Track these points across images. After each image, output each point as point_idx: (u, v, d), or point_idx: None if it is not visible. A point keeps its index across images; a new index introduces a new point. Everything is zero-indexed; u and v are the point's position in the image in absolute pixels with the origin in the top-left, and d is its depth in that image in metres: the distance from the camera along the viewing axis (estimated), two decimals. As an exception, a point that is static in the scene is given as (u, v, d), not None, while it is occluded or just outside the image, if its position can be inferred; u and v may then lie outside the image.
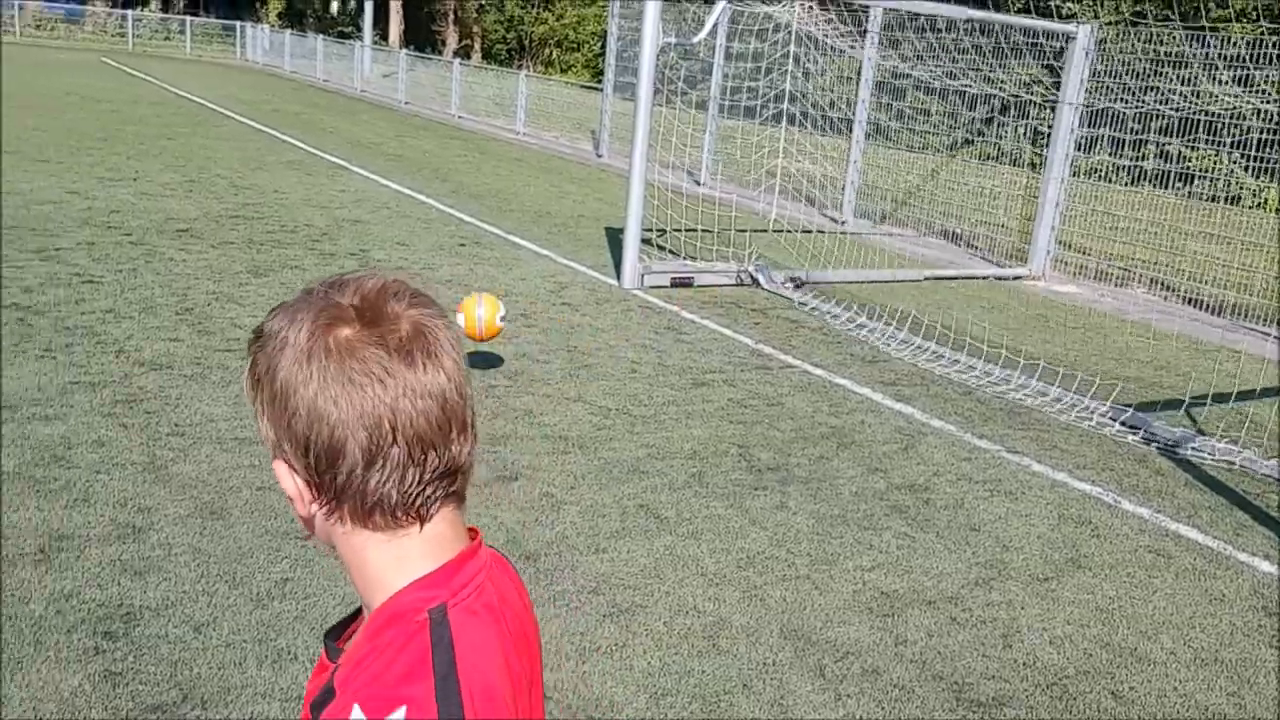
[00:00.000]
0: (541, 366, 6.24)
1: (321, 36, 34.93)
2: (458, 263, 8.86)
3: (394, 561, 0.97)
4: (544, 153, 19.90)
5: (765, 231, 11.45)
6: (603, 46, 52.06)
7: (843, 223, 13.61)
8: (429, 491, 0.96)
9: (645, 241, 9.30)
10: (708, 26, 8.87)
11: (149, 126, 15.68)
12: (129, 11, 40.11)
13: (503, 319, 5.78)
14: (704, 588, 3.84)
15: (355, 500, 0.94)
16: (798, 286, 9.40)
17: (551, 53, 55.91)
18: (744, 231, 10.86)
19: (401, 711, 0.89)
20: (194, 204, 9.90)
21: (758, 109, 12.58)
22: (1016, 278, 11.54)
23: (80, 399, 4.84)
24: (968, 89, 12.65)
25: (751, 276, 9.42)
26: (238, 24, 41.17)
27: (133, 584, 3.34)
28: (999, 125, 14.06)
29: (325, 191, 11.69)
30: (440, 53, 51.24)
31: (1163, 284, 11.32)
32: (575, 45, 54.85)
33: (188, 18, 41.53)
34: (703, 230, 10.48)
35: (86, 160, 11.68)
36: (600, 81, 42.96)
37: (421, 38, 53.46)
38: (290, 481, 0.96)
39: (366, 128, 20.12)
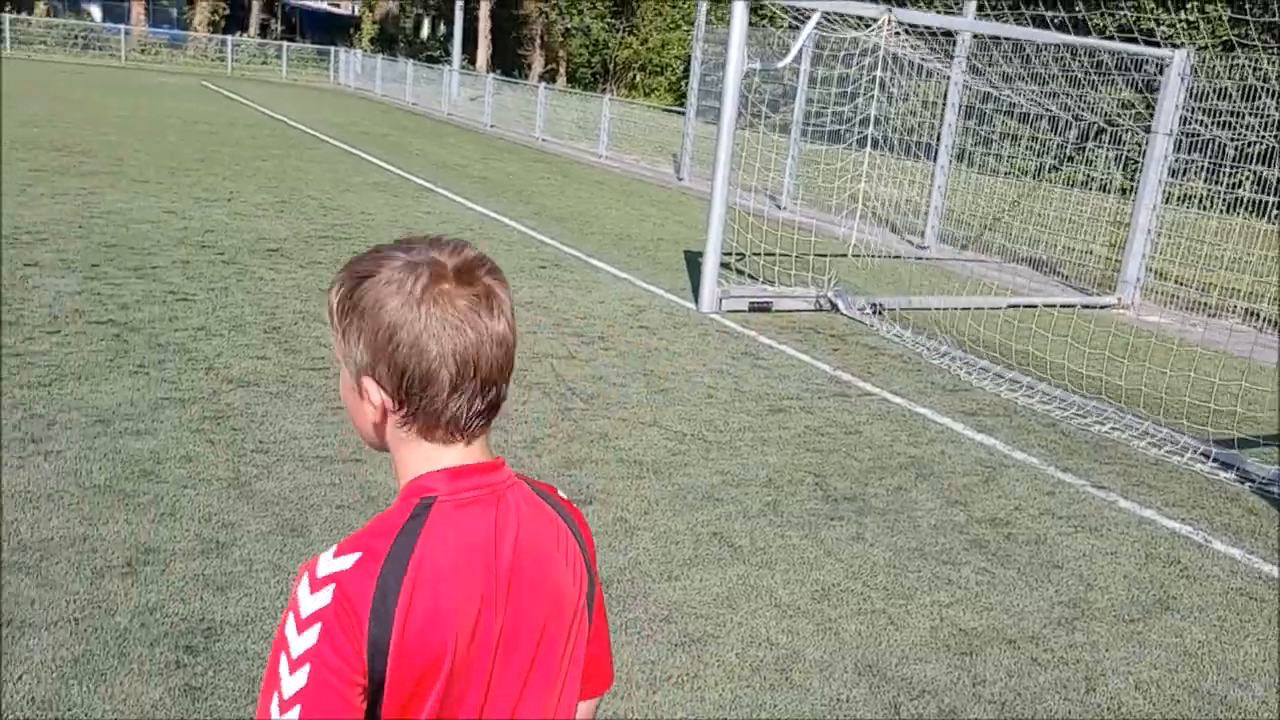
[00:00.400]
0: (618, 390, 6.26)
1: (411, 61, 35.71)
2: (538, 285, 8.95)
3: (426, 463, 1.20)
4: (625, 176, 20.03)
5: (845, 256, 11.35)
6: (686, 70, 52.36)
7: (924, 248, 13.43)
8: (483, 418, 1.22)
9: (724, 265, 9.29)
10: (793, 52, 8.85)
11: (244, 148, 16.17)
12: (229, 37, 41.50)
13: None
14: (777, 619, 3.79)
15: (429, 417, 1.18)
16: (877, 312, 9.29)
17: (635, 76, 56.36)
18: (824, 256, 10.78)
19: (355, 557, 1.11)
20: (284, 224, 10.16)
21: (841, 133, 12.51)
22: (1104, 307, 11.25)
23: (170, 414, 4.99)
24: (1056, 113, 12.42)
25: (831, 302, 9.34)
26: (332, 49, 42.32)
27: (215, 599, 3.41)
28: (1088, 150, 13.76)
29: (411, 213, 11.91)
30: (526, 77, 52.04)
31: (1257, 315, 10.94)
32: (659, 69, 55.22)
33: (284, 43, 42.82)
34: (781, 254, 10.43)
35: (184, 181, 12.08)
36: (683, 105, 43.09)
37: (508, 62, 54.36)
38: (377, 395, 1.17)
39: (452, 150, 20.48)
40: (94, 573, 3.47)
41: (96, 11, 50.21)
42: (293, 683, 1.09)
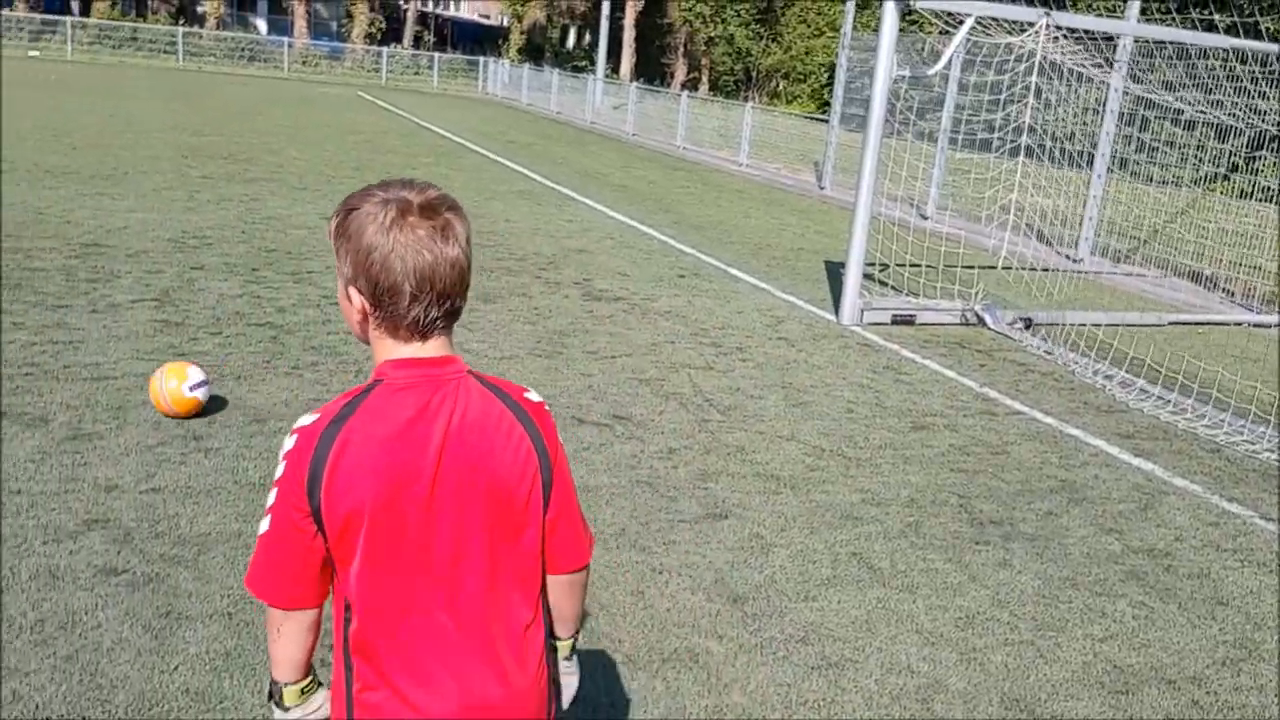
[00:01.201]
0: (755, 402, 6.18)
1: (557, 70, 36.32)
2: (676, 294, 8.94)
3: (387, 354, 1.54)
4: (766, 184, 19.89)
5: (994, 268, 10.99)
6: (830, 77, 51.72)
7: (1078, 261, 12.89)
8: (439, 322, 1.53)
9: (867, 276, 9.11)
10: (944, 59, 8.62)
11: (397, 157, 16.71)
12: (384, 48, 43.03)
13: (195, 390, 4.85)
14: (919, 646, 3.67)
15: (394, 319, 1.51)
16: (1027, 327, 8.95)
17: (778, 84, 56.02)
18: (971, 268, 10.47)
19: (315, 417, 1.51)
20: (432, 231, 10.43)
21: (992, 141, 12.12)
22: (1273, 325, 10.58)
23: (321, 415, 5.15)
24: (1223, 120, 11.75)
25: (978, 316, 9.04)
26: (480, 59, 43.42)
27: (358, 598, 3.50)
28: (1258, 159, 12.97)
29: (553, 221, 12.08)
30: (668, 85, 52.32)
31: None
32: (802, 76, 54.75)
33: (435, 54, 44.15)
34: (927, 266, 10.16)
35: (340, 189, 12.55)
36: (825, 112, 42.60)
37: (652, 70, 54.76)
38: (358, 300, 1.51)
39: (595, 158, 20.72)
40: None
41: (262, 24, 52.80)
42: (268, 498, 1.52)
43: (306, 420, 1.51)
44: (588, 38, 60.96)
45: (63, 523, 3.78)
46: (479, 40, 57.10)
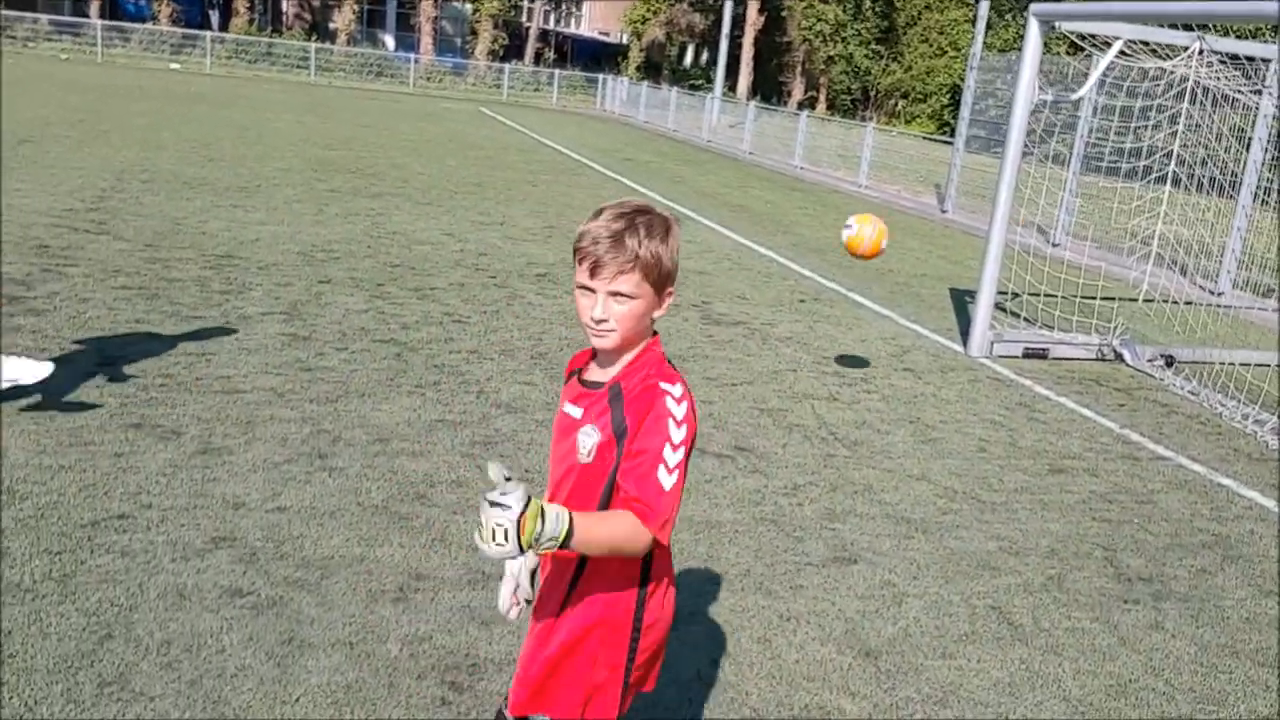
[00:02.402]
0: (883, 438, 5.95)
1: (675, 88, 36.39)
2: (796, 319, 8.74)
3: (650, 330, 1.99)
4: (886, 206, 19.50)
5: (1132, 300, 10.49)
6: (951, 98, 50.74)
7: (1219, 295, 12.24)
8: None
9: (997, 307, 8.76)
10: (1090, 81, 8.25)
11: (516, 173, 16.88)
12: (506, 65, 43.77)
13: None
14: (1067, 713, 3.42)
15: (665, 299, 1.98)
16: (1169, 365, 8.49)
17: (897, 104, 55.18)
18: (1107, 300, 10.01)
19: (681, 385, 1.94)
20: (552, 250, 10.45)
21: (1132, 167, 11.60)
22: None
23: (443, 437, 5.13)
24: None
25: (1115, 351, 8.61)
26: (599, 76, 43.81)
27: (479, 634, 3.42)
28: None
29: (671, 240, 11.97)
30: (785, 103, 51.97)
31: None
32: (922, 96, 53.84)
33: (555, 70, 44.72)
34: (1063, 297, 9.73)
35: (462, 204, 12.70)
36: (945, 133, 41.68)
37: (769, 89, 54.52)
38: (661, 298, 1.96)
39: (711, 177, 20.61)
40: (369, 596, 3.56)
41: (390, 40, 54.28)
42: (674, 457, 1.88)
43: (680, 388, 1.92)
44: (705, 56, 61.03)
45: (191, 540, 3.80)
46: (598, 57, 57.67)
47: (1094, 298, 10.14)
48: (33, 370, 4.75)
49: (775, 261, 11.54)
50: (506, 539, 1.68)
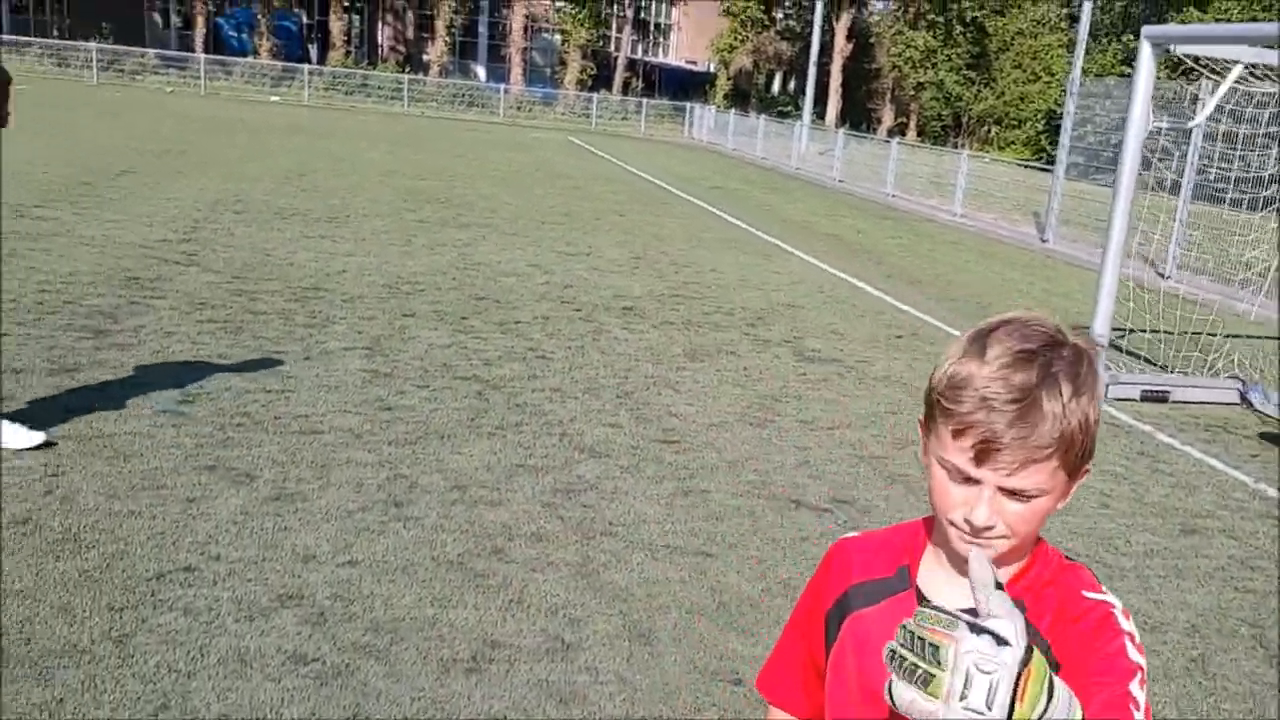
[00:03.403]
0: (993, 490, 5.53)
1: (763, 116, 36.12)
2: (895, 357, 8.34)
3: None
4: (982, 235, 18.89)
5: (1257, 338, 9.83)
6: (1047, 124, 49.50)
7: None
8: None
9: (1111, 345, 8.24)
10: (1208, 109, 7.74)
11: (603, 203, 16.73)
12: (594, 95, 44.00)
13: None
14: (1221, 828, 2.99)
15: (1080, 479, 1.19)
16: (1303, 411, 7.86)
17: (990, 130, 54.05)
18: (1231, 337, 9.37)
19: (1119, 601, 1.21)
20: (638, 281, 10.21)
21: (1242, 195, 10.95)
22: None
23: (523, 483, 4.88)
24: None
25: (1242, 395, 8.02)
26: (687, 104, 43.76)
27: (556, 712, 3.13)
28: None
29: (760, 272, 11.67)
30: (874, 130, 51.28)
31: None
32: (1016, 123, 52.65)
33: (644, 99, 44.79)
34: (1179, 333, 9.15)
35: (549, 235, 12.55)
36: (1041, 159, 40.59)
37: (857, 115, 53.88)
38: (1072, 484, 1.17)
39: (800, 205, 20.24)
40: (440, 665, 3.29)
41: (482, 71, 55.08)
42: (1143, 695, 1.13)
43: (1109, 595, 1.23)
44: (792, 83, 60.65)
45: (257, 597, 3.59)
46: (685, 86, 57.69)
47: (1214, 334, 9.52)
48: (22, 438, 4.58)
49: (870, 294, 11.12)
50: (990, 701, 0.88)
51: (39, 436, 4.63)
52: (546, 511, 4.58)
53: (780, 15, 54.56)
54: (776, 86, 61.89)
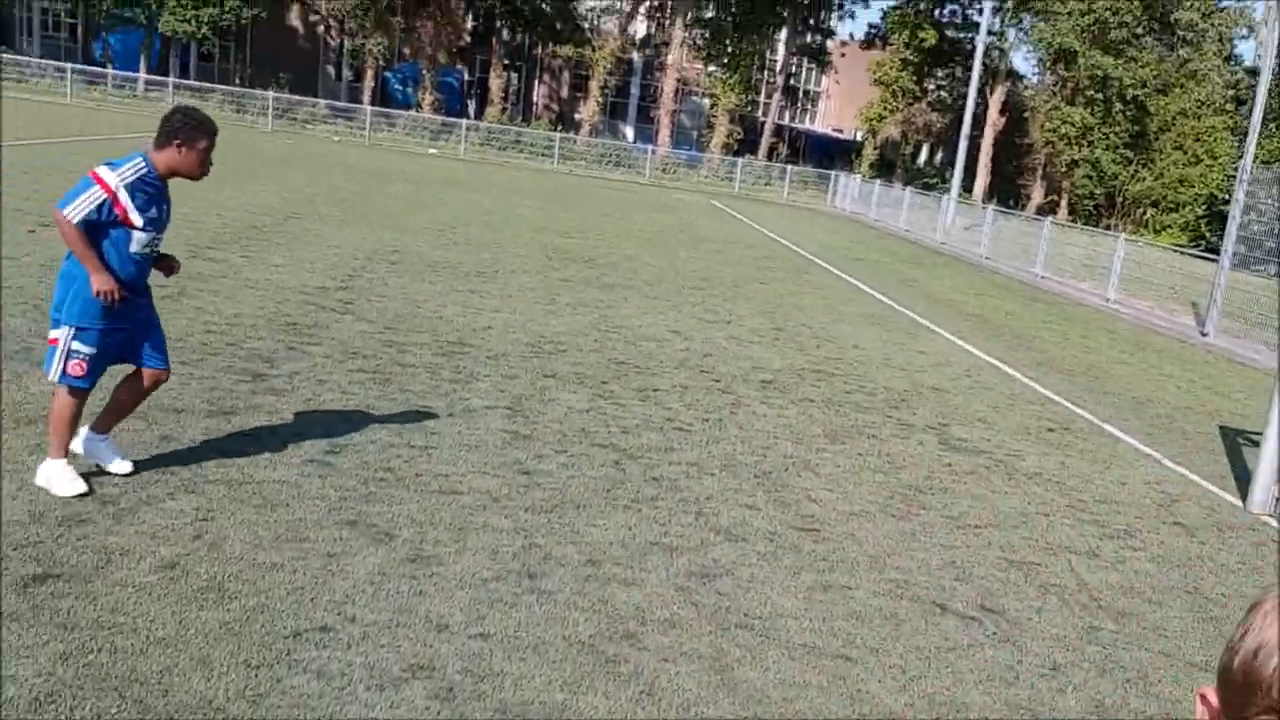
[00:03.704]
0: (1155, 611, 5.16)
1: (909, 187, 35.67)
2: (1046, 452, 7.96)
3: None
4: (1137, 324, 18.12)
5: None
6: (1208, 209, 47.53)
7: None
8: None
9: (1286, 458, 7.68)
10: None
11: (744, 269, 16.68)
12: (739, 159, 44.26)
13: None
14: None
15: None
16: None
17: (1146, 212, 52.16)
18: None
19: None
20: (778, 354, 10.07)
21: None
22: None
23: (657, 563, 4.77)
24: None
25: None
26: (831, 173, 43.60)
27: (687, 823, 2.99)
28: None
29: (904, 350, 11.38)
30: (1023, 207, 50.07)
31: None
32: (1174, 206, 50.70)
33: (788, 166, 44.83)
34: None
35: (690, 300, 12.54)
36: (1199, 246, 38.91)
37: (1006, 190, 52.75)
38: None
39: (945, 282, 19.80)
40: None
41: (630, 131, 56.14)
42: None
43: None
44: (940, 155, 59.88)
45: (389, 665, 3.56)
46: (830, 154, 57.59)
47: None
48: (66, 485, 4.50)
49: (1019, 381, 10.71)
50: None
51: (80, 486, 4.51)
52: (680, 596, 4.46)
53: (932, 86, 54.02)
54: (923, 158, 61.19)
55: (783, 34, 52.43)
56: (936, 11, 52.03)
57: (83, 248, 4.32)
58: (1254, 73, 51.73)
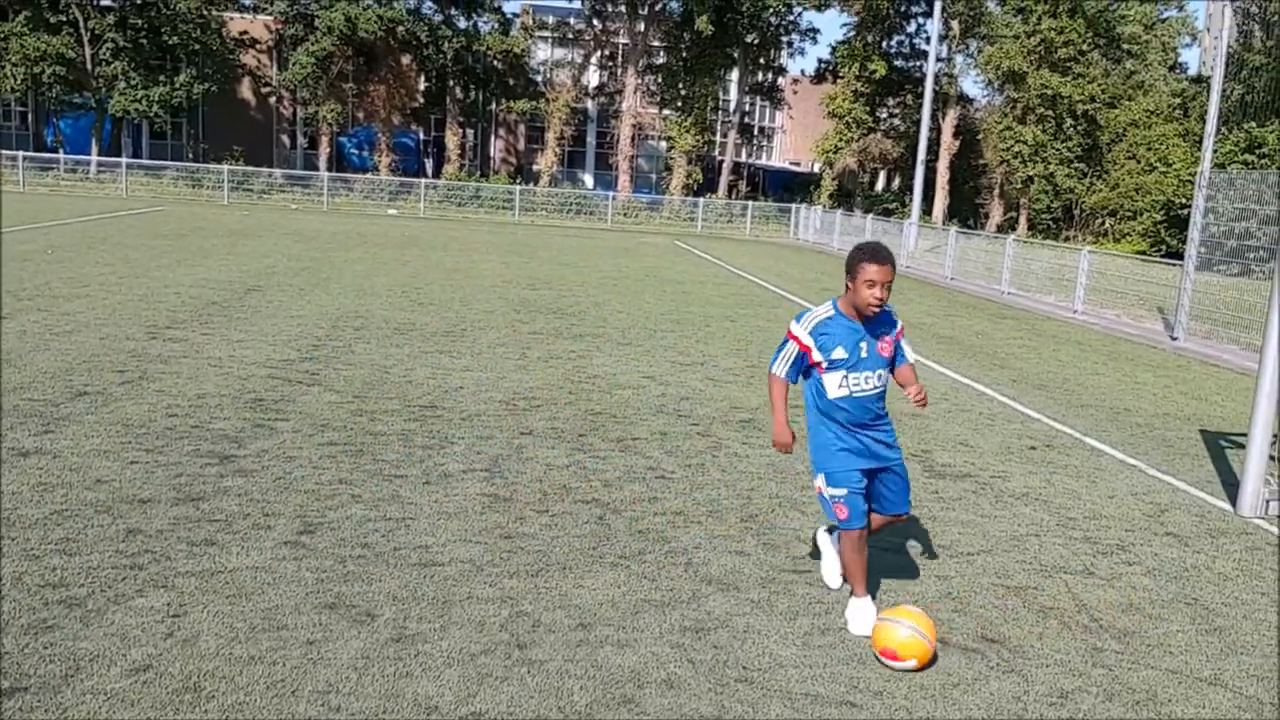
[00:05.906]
0: (1157, 626, 5.07)
1: (870, 215, 35.96)
2: (1031, 471, 7.89)
3: None
4: (1106, 334, 18.20)
5: None
6: (1165, 215, 48.21)
7: None
8: None
9: (1271, 458, 7.66)
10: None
11: (713, 307, 16.65)
12: (700, 199, 44.52)
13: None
14: None
15: None
16: None
17: (1104, 222, 52.80)
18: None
19: None
20: (754, 392, 9.99)
21: None
22: None
23: (650, 621, 4.63)
24: None
25: None
26: (792, 206, 43.92)
27: None
28: None
29: (880, 379, 11.31)
30: (983, 226, 50.60)
31: None
32: (1132, 214, 51.34)
33: (749, 202, 45.14)
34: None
35: (661, 344, 12.46)
36: (1161, 251, 39.39)
37: (965, 211, 53.33)
38: None
39: (914, 305, 19.86)
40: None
41: (589, 179, 56.45)
42: None
43: None
44: (897, 180, 60.48)
45: (379, 755, 3.41)
46: (790, 187, 58.08)
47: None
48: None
49: (996, 400, 10.68)
50: None
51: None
52: (676, 654, 4.33)
53: (885, 115, 54.72)
54: (881, 184, 61.81)
55: (734, 74, 53.06)
56: (884, 43, 52.86)
57: None
58: (1199, 80, 52.83)
